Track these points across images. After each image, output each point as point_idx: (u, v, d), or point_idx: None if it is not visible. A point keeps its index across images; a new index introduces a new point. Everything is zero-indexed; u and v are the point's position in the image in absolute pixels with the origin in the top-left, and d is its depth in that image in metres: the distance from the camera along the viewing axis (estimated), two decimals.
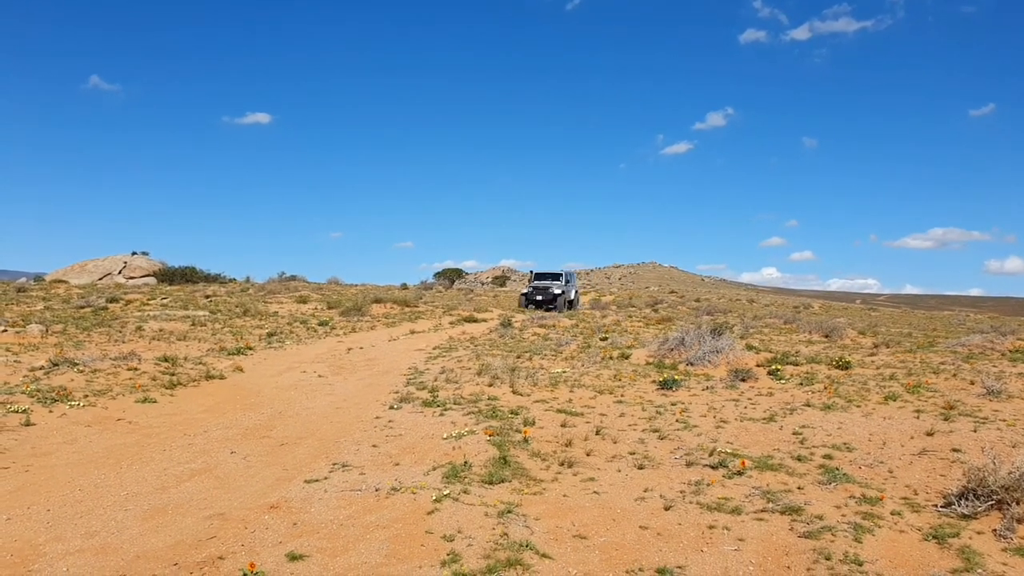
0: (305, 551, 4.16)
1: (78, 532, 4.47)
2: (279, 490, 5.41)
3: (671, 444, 6.86)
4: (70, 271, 55.10)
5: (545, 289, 29.01)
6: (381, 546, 4.27)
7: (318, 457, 6.45)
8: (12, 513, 4.79)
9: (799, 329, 19.01)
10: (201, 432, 7.40)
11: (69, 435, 7.02)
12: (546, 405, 8.62)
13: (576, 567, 4.06)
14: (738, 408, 8.42)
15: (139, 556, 4.10)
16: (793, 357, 11.85)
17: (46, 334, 15.69)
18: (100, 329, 16.82)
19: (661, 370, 10.95)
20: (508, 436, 6.95)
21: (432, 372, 11.59)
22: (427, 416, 8.09)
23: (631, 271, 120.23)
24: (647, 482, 5.69)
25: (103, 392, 8.96)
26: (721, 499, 5.23)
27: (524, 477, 5.74)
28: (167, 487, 5.49)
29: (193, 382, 10.24)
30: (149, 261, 56.50)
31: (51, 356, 11.24)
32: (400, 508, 4.95)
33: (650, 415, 8.09)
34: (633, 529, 4.68)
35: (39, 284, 39.79)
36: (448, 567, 3.95)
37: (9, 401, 8.00)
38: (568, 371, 11.12)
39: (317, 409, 8.83)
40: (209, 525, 4.62)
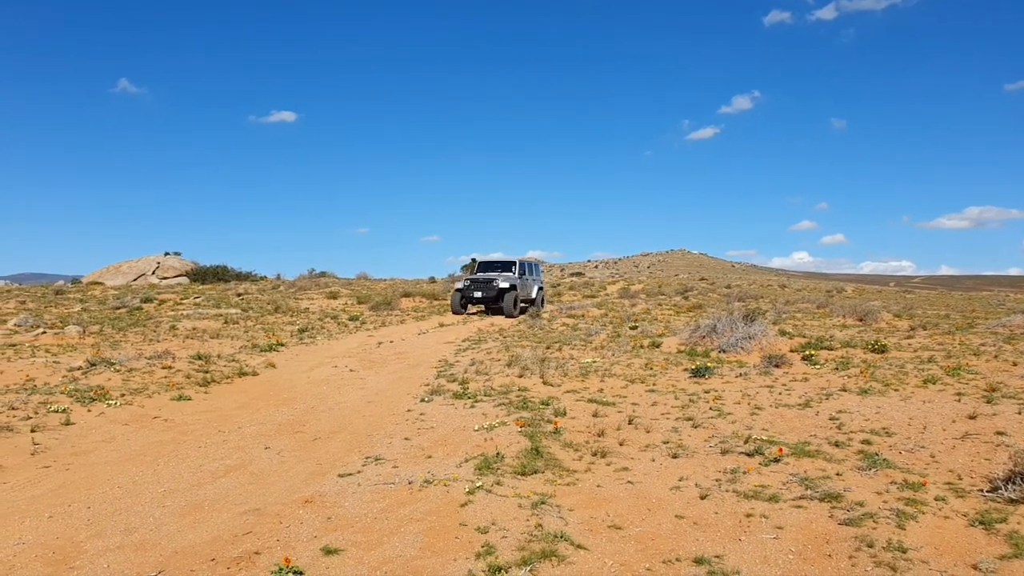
0: (340, 545, 4.16)
1: (117, 529, 4.53)
2: (313, 485, 5.43)
3: (705, 432, 6.77)
4: (105, 273, 56.16)
5: (487, 283, 21.54)
6: (415, 539, 4.26)
7: (351, 451, 6.47)
8: (54, 511, 4.87)
9: (832, 313, 18.71)
10: (235, 428, 7.47)
11: (107, 433, 7.13)
12: (577, 395, 8.57)
13: (612, 558, 4.01)
14: (772, 394, 8.29)
15: (177, 552, 4.14)
16: (827, 342, 11.66)
17: (84, 335, 15.99)
18: (135, 329, 17.10)
19: (693, 358, 10.83)
20: (539, 427, 6.91)
21: (462, 364, 11.59)
22: (458, 408, 8.08)
23: (660, 259, 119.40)
24: (682, 471, 5.61)
25: (139, 391, 9.09)
26: (758, 487, 5.14)
27: (557, 468, 5.71)
28: (203, 483, 5.54)
29: (227, 379, 10.35)
30: (181, 261, 57.35)
31: (89, 356, 11.44)
32: (433, 501, 4.94)
33: (683, 403, 8.00)
34: (669, 519, 4.62)
35: (76, 286, 40.65)
36: (483, 559, 3.92)
37: (49, 401, 8.15)
38: (598, 361, 11.04)
39: (349, 403, 8.87)
40: (245, 520, 4.65)
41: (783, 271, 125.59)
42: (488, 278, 21.78)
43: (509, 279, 21.80)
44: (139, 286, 43.94)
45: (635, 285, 42.54)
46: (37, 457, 6.26)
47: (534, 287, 23.85)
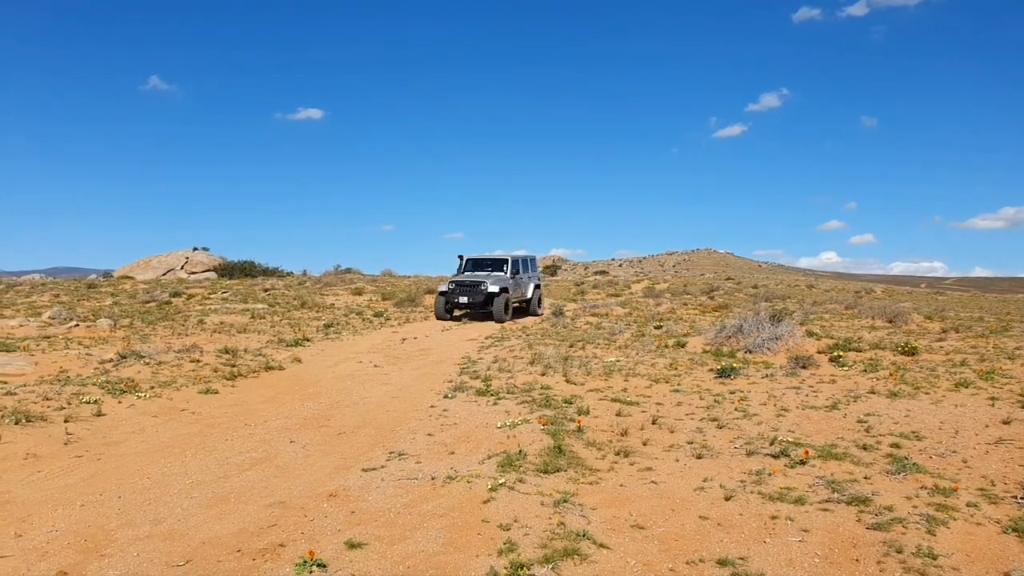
0: (363, 539, 4.19)
1: (147, 518, 4.60)
2: (337, 479, 5.47)
3: (730, 433, 6.71)
4: (135, 267, 57.07)
5: (473, 286, 19.24)
6: (438, 535, 4.28)
7: (375, 446, 6.51)
8: (86, 500, 4.96)
9: (861, 314, 18.45)
10: (261, 422, 7.56)
11: (137, 425, 7.24)
12: (600, 394, 8.54)
13: (635, 557, 3.99)
14: (799, 396, 8.20)
15: (204, 542, 4.19)
16: (856, 343, 11.50)
17: (114, 328, 16.26)
18: (164, 323, 17.35)
19: (719, 358, 10.75)
20: (562, 425, 6.90)
21: (485, 361, 11.61)
22: (481, 405, 8.09)
23: (685, 258, 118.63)
24: (706, 472, 5.57)
25: (168, 383, 9.22)
26: (784, 489, 5.09)
27: (579, 466, 5.69)
28: (229, 476, 5.61)
29: (253, 373, 10.47)
30: (209, 256, 58.06)
31: (119, 349, 11.63)
32: (456, 497, 4.95)
33: (708, 404, 7.94)
34: (692, 519, 4.59)
35: (107, 280, 41.33)
36: (505, 556, 3.93)
37: (82, 392, 8.30)
38: (622, 360, 11.00)
39: (373, 399, 8.92)
40: (270, 513, 4.70)
41: (811, 271, 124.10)
42: (475, 280, 19.38)
43: (499, 281, 19.51)
44: (168, 281, 44.59)
45: (660, 284, 42.28)
46: (70, 447, 6.39)
47: (529, 286, 21.66)
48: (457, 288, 19.53)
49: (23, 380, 9.12)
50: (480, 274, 20.24)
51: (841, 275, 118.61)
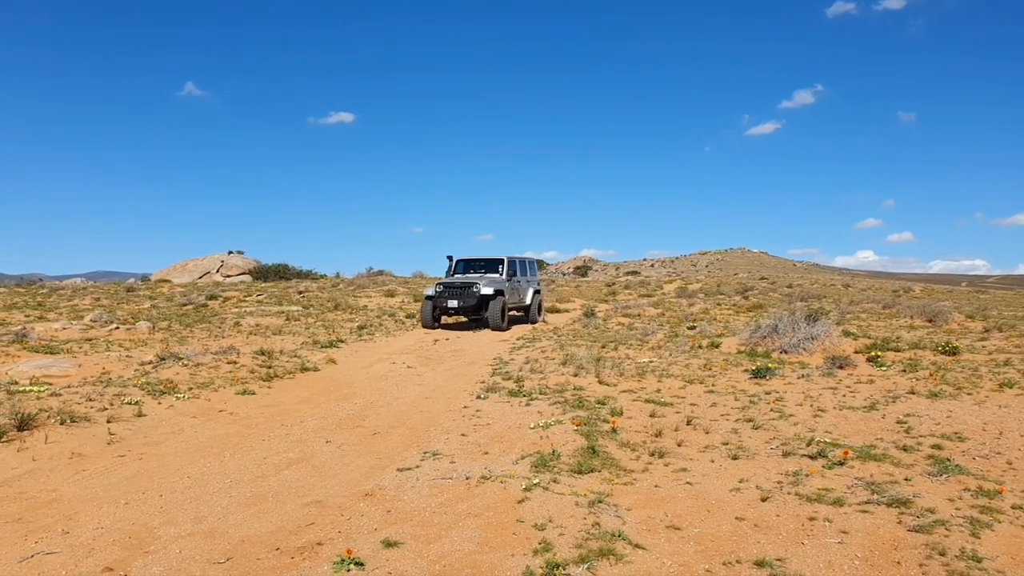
0: (399, 538, 4.23)
1: (188, 517, 4.69)
2: (373, 478, 5.52)
3: (766, 434, 6.64)
4: (172, 271, 58.14)
5: (464, 289, 17.37)
6: (473, 534, 4.30)
7: (409, 446, 6.56)
8: (129, 498, 5.07)
9: (899, 314, 18.11)
10: (298, 422, 7.66)
11: (176, 425, 7.39)
12: (633, 395, 8.50)
13: (671, 558, 3.97)
14: (836, 396, 8.08)
15: (244, 540, 4.26)
16: (894, 343, 11.30)
17: (153, 330, 16.59)
18: (201, 325, 17.66)
19: (753, 358, 10.63)
20: (596, 426, 6.89)
21: (517, 362, 11.62)
22: (513, 406, 8.11)
23: (718, 257, 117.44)
24: (742, 472, 5.52)
25: (206, 385, 9.38)
26: (821, 490, 5.02)
27: (614, 467, 5.67)
28: (267, 475, 5.69)
29: (289, 374, 10.61)
30: (244, 259, 58.92)
31: (158, 351, 11.87)
32: (490, 497, 4.97)
33: (743, 404, 7.86)
34: (729, 520, 4.55)
35: (145, 284, 42.20)
36: (540, 556, 3.93)
37: (123, 393, 8.49)
38: (655, 361, 10.93)
39: (407, 399, 8.99)
40: (307, 512, 4.76)
41: (847, 270, 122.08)
42: (467, 282, 17.50)
43: (494, 283, 17.65)
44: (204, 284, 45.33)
45: (693, 284, 41.94)
46: (113, 446, 6.54)
47: (528, 291, 19.61)
48: (446, 291, 17.55)
49: (67, 381, 9.35)
50: (472, 276, 18.42)
51: (878, 274, 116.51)
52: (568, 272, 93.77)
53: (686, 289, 35.32)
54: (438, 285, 17.82)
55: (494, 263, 18.95)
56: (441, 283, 17.89)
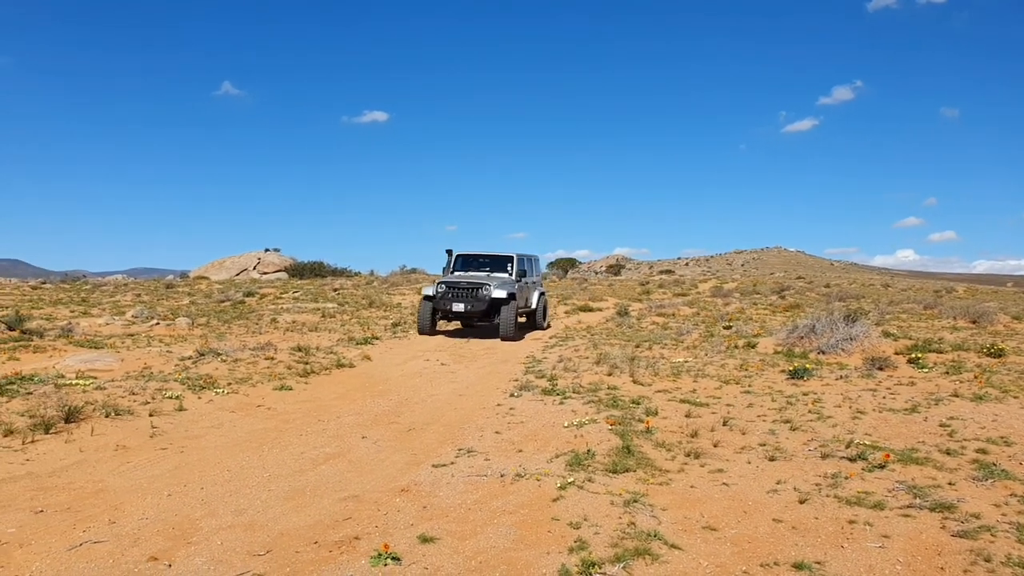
0: (435, 534, 4.26)
1: (228, 509, 4.78)
2: (408, 474, 5.57)
3: (804, 435, 6.55)
4: (210, 268, 59.18)
5: (473, 291, 15.17)
6: (508, 531, 4.31)
7: (444, 443, 6.60)
8: (172, 490, 5.18)
9: (942, 314, 17.72)
10: (334, 418, 7.75)
11: (216, 420, 7.52)
12: (668, 395, 8.45)
13: (707, 559, 3.94)
14: (876, 398, 7.94)
15: (283, 534, 4.33)
16: (936, 344, 11.06)
17: (192, 326, 16.91)
18: (239, 321, 17.95)
19: (790, 359, 10.50)
20: (630, 426, 6.86)
21: (550, 361, 11.62)
22: (547, 404, 8.11)
23: (754, 256, 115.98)
24: (779, 474, 5.45)
25: (244, 380, 9.54)
26: (861, 493, 4.94)
27: (649, 467, 5.65)
28: (304, 470, 5.77)
29: (325, 370, 10.74)
30: (280, 257, 59.70)
31: (198, 347, 12.09)
32: (525, 494, 4.98)
33: (780, 405, 7.77)
34: (766, 522, 4.50)
35: (184, 281, 43.03)
36: (576, 554, 3.93)
37: (164, 388, 8.67)
38: (690, 361, 10.85)
39: (441, 396, 9.05)
40: (344, 507, 4.82)
41: (886, 270, 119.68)
42: (475, 282, 15.24)
43: (505, 285, 15.37)
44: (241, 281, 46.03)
45: (728, 283, 41.51)
46: (155, 439, 6.68)
47: (534, 293, 17.27)
48: (450, 291, 15.30)
49: (111, 376, 9.58)
50: (479, 275, 16.02)
51: (919, 274, 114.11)
52: (601, 271, 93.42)
53: (721, 288, 34.98)
54: (439, 284, 15.51)
55: (501, 260, 16.78)
56: (443, 282, 15.54)
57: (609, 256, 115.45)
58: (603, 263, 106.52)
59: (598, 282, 50.57)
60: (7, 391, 8.03)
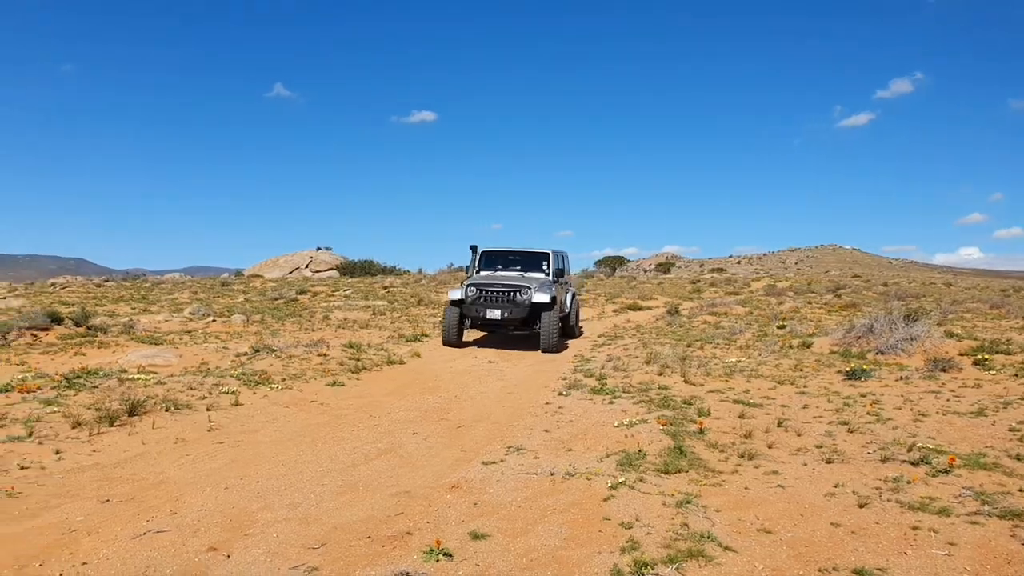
0: (486, 531, 4.27)
1: (283, 503, 4.87)
2: (459, 471, 5.60)
3: (862, 438, 6.37)
4: (264, 266, 60.48)
5: (509, 294, 13.11)
6: (559, 529, 4.29)
7: (493, 440, 6.61)
8: (229, 483, 5.30)
9: (1009, 314, 17.05)
10: (385, 414, 7.83)
11: (271, 415, 7.68)
12: (721, 395, 8.31)
13: (762, 562, 3.86)
14: (939, 401, 7.68)
15: (336, 527, 4.39)
16: (1004, 345, 10.63)
17: (247, 323, 17.29)
18: (292, 319, 18.29)
19: (847, 359, 10.23)
20: (682, 426, 6.77)
21: (599, 360, 11.55)
22: (596, 403, 8.05)
23: (808, 254, 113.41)
24: (837, 477, 5.31)
25: (298, 376, 9.72)
26: (925, 498, 4.77)
27: (701, 468, 5.56)
28: (357, 465, 5.84)
29: (376, 367, 10.87)
30: (332, 255, 60.66)
31: (253, 343, 12.36)
32: (576, 493, 4.95)
33: (837, 407, 7.57)
34: (824, 526, 4.38)
35: (239, 278, 44.07)
36: (628, 554, 3.89)
37: (221, 383, 8.88)
38: (743, 360, 10.66)
39: (490, 394, 9.07)
40: (396, 502, 4.86)
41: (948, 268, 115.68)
42: (512, 284, 13.11)
43: (545, 287, 13.27)
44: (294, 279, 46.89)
45: (782, 282, 40.68)
46: (212, 433, 6.85)
47: (568, 295, 15.18)
48: (482, 295, 13.16)
49: (170, 371, 9.86)
50: (513, 275, 13.93)
51: (984, 272, 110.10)
52: (650, 269, 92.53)
53: (775, 287, 34.30)
54: (468, 286, 13.29)
55: (534, 258, 14.59)
56: (473, 284, 13.36)
57: (658, 254, 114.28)
58: (652, 261, 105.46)
59: (647, 280, 50.10)
60: (75, 385, 8.34)
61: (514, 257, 14.82)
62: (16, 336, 12.69)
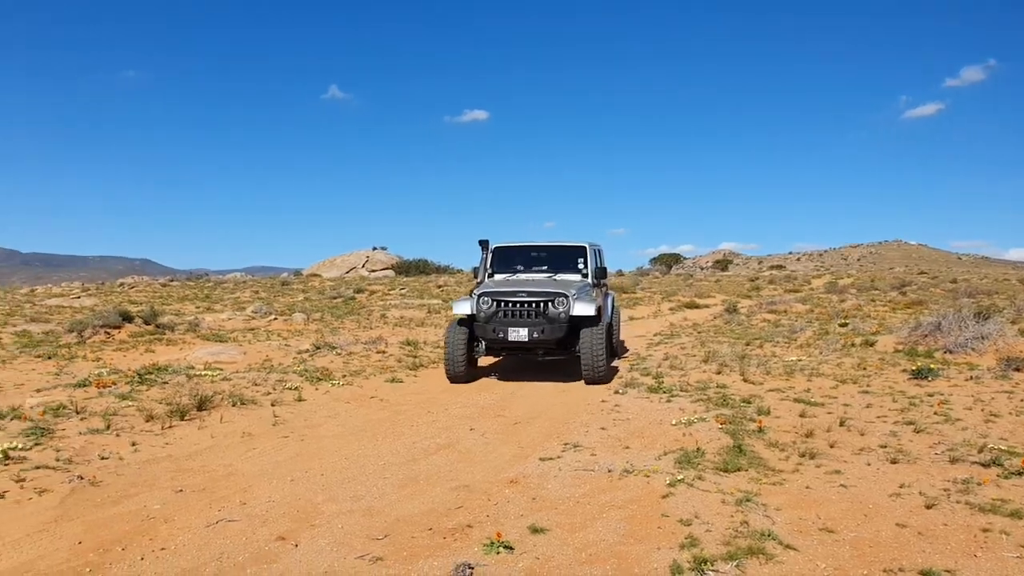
0: (545, 525, 4.32)
1: (347, 495, 5.01)
2: (516, 466, 5.66)
3: (930, 438, 6.20)
4: (321, 266, 61.71)
5: (540, 304, 9.51)
6: (617, 525, 4.31)
7: (550, 437, 6.65)
8: (294, 476, 5.48)
9: None
10: (443, 410, 7.96)
11: (332, 410, 7.88)
12: (781, 394, 8.18)
13: (825, 561, 3.81)
14: (1012, 401, 7.41)
15: (398, 520, 4.50)
16: None
17: (307, 321, 17.71)
18: (351, 317, 18.67)
19: (913, 358, 9.95)
20: (741, 425, 6.69)
21: (655, 358, 11.48)
22: (653, 402, 8.02)
23: (871, 251, 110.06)
24: (903, 477, 5.19)
25: (357, 372, 9.94)
26: (996, 500, 4.63)
27: (761, 466, 5.50)
28: (417, 459, 5.96)
29: (433, 364, 11.03)
30: (387, 255, 61.50)
31: (314, 341, 12.68)
32: (633, 490, 4.96)
33: (902, 406, 7.38)
34: (889, 526, 4.30)
35: (298, 278, 45.08)
36: (687, 550, 3.89)
37: (284, 379, 9.15)
38: (804, 359, 10.46)
39: (545, 391, 9.12)
40: (456, 496, 4.96)
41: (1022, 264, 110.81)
42: (541, 292, 9.62)
43: (585, 293, 10.02)
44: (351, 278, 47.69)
45: (844, 279, 39.63)
46: (277, 428, 7.07)
47: (608, 301, 11.62)
48: (500, 309, 9.55)
49: (235, 367, 10.19)
50: (541, 280, 10.44)
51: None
52: (707, 266, 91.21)
53: (836, 284, 33.45)
54: (481, 296, 9.63)
55: (566, 255, 11.03)
56: (488, 293, 9.67)
57: (715, 251, 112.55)
58: (709, 258, 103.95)
59: (704, 278, 49.39)
60: (147, 380, 8.70)
61: (538, 254, 11.30)
62: (91, 334, 13.29)
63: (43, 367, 10.10)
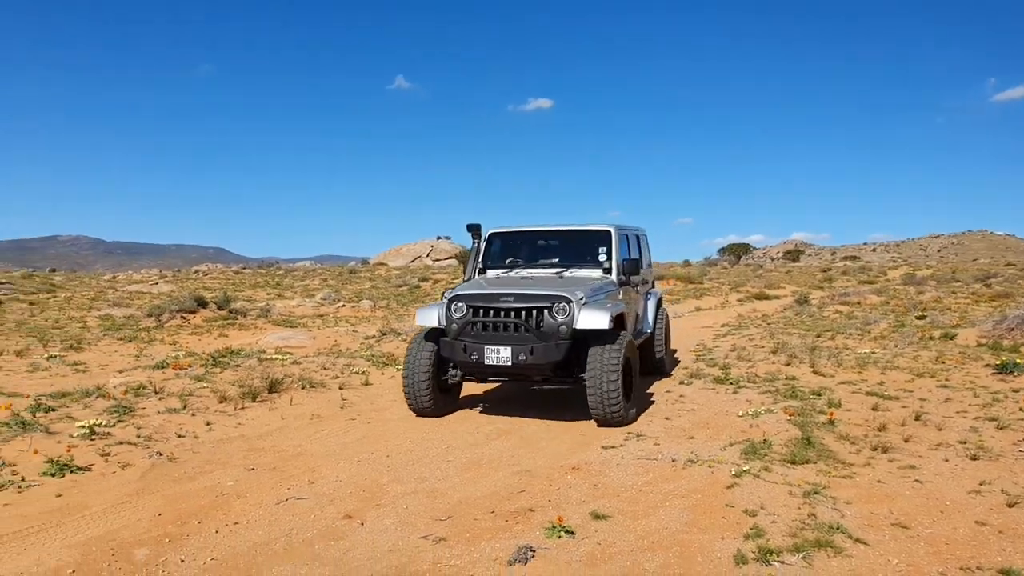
0: (607, 512, 4.31)
1: (411, 477, 5.10)
2: (578, 453, 5.66)
3: (1014, 435, 5.92)
4: (387, 255, 62.73)
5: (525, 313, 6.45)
6: (680, 514, 4.27)
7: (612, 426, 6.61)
8: (361, 457, 5.62)
9: None
10: (504, 396, 8.00)
11: (398, 394, 8.00)
12: (853, 387, 7.94)
13: (897, 556, 3.69)
14: None
15: (461, 502, 4.56)
16: None
17: (374, 308, 18.07)
18: (416, 304, 18.93)
19: (998, 352, 9.50)
20: (810, 417, 6.52)
21: (722, 349, 11.28)
22: (719, 393, 7.89)
23: (953, 241, 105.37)
24: (983, 474, 4.97)
25: None
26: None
27: (830, 459, 5.35)
28: (479, 443, 6.03)
29: None
30: (451, 244, 62.06)
31: (380, 327, 12.92)
32: (697, 480, 4.90)
33: (984, 402, 7.06)
34: (966, 524, 4.13)
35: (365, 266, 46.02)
36: (752, 540, 3.82)
37: (352, 364, 9.37)
38: (878, 352, 10.12)
39: None
40: (518, 480, 4.99)
41: None
42: (531, 294, 6.65)
43: (600, 295, 7.07)
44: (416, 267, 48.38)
45: (922, 270, 38.10)
46: (345, 411, 7.25)
47: (649, 302, 9.37)
48: (477, 318, 6.72)
49: (304, 352, 10.48)
50: (540, 276, 7.80)
51: None
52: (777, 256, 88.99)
53: (914, 276, 32.16)
54: (454, 300, 6.91)
55: (583, 241, 8.25)
56: (461, 295, 6.92)
57: (786, 241, 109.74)
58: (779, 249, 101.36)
59: (774, 268, 48.22)
60: (220, 363, 9.03)
61: (546, 242, 8.61)
62: (168, 318, 13.87)
63: (124, 349, 10.61)
